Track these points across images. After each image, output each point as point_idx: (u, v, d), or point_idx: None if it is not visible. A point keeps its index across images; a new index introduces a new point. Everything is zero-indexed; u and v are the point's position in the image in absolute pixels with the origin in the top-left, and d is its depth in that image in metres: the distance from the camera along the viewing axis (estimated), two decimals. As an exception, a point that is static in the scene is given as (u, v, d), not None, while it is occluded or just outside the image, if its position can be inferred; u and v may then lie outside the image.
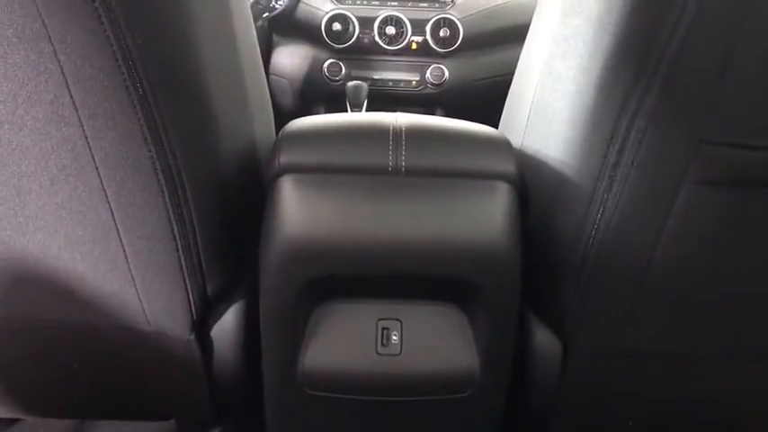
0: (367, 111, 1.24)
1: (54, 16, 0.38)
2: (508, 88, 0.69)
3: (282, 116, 0.64)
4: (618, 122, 0.45)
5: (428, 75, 1.26)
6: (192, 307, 0.53)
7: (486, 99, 1.25)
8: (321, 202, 0.50)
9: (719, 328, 0.55)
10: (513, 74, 0.67)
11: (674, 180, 0.46)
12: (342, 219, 0.50)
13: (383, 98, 1.28)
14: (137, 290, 0.51)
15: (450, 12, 1.25)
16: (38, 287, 0.51)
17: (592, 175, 0.48)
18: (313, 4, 1.26)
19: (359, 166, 0.51)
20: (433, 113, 1.33)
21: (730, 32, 0.40)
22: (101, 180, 0.45)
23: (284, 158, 0.52)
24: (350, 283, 0.52)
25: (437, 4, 1.27)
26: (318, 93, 1.29)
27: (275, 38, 1.31)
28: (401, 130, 0.52)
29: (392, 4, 1.27)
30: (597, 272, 0.51)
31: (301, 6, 1.26)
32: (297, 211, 0.50)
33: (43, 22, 0.38)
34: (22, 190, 0.46)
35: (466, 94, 1.28)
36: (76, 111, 0.42)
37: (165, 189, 0.46)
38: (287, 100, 1.30)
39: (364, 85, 1.19)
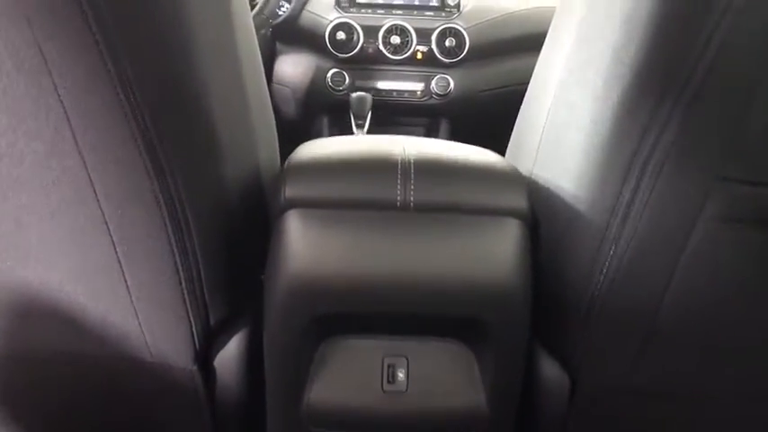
0: (371, 121, 1.22)
1: (50, 41, 0.37)
2: (514, 99, 0.67)
3: (285, 125, 0.63)
4: (635, 157, 0.44)
5: (433, 85, 1.24)
6: (195, 338, 0.52)
7: (492, 110, 1.24)
8: (328, 237, 0.49)
9: (732, 369, 0.54)
10: (519, 85, 0.66)
11: (690, 216, 0.45)
12: (349, 256, 0.49)
13: (387, 108, 1.27)
14: (139, 322, 0.50)
15: (457, 21, 1.24)
16: (39, 319, 0.50)
17: (605, 211, 0.47)
18: (317, 13, 1.25)
19: (366, 201, 0.50)
20: (437, 124, 1.32)
21: (754, 68, 0.39)
22: (102, 212, 0.44)
23: (290, 192, 0.50)
24: (356, 319, 0.51)
25: (443, 14, 1.25)
26: (321, 102, 1.27)
27: (278, 46, 1.30)
28: (409, 163, 0.51)
29: (397, 12, 1.25)
30: (607, 310, 0.50)
31: (305, 14, 1.25)
32: (303, 247, 0.49)
33: (40, 48, 0.37)
34: (22, 222, 0.45)
35: (471, 105, 1.26)
36: (77, 144, 0.41)
37: (167, 221, 0.45)
38: (290, 109, 1.29)
39: (368, 96, 1.18)
